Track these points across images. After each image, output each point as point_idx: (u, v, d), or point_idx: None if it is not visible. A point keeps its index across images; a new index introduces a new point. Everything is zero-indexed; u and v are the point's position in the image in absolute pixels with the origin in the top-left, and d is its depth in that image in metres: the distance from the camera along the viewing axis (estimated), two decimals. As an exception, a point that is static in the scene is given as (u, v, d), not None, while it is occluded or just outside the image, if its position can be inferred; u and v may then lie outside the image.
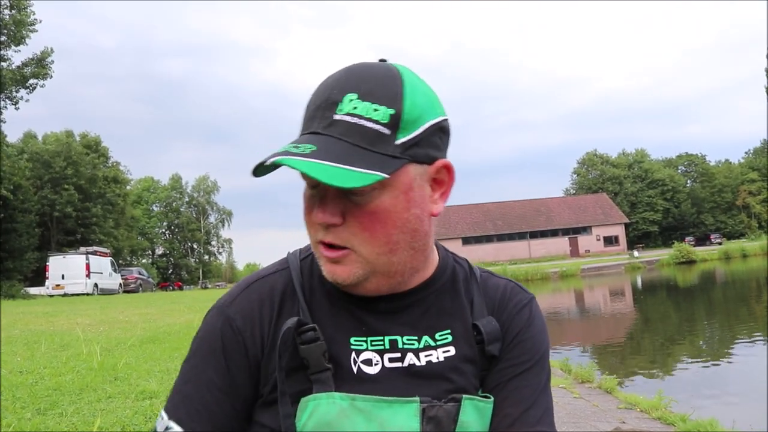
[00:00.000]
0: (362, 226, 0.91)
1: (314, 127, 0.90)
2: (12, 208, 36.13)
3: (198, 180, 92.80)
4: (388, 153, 0.89)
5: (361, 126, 0.88)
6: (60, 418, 3.98)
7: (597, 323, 17.43)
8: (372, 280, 0.95)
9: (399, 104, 0.90)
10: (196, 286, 75.83)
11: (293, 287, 1.03)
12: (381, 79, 0.92)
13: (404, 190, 0.92)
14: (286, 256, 1.11)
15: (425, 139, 0.93)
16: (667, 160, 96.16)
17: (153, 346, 7.47)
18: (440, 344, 1.01)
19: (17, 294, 26.85)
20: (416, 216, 0.94)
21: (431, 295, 1.04)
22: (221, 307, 1.03)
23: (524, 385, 1.02)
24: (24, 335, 8.77)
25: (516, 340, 1.05)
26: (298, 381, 0.96)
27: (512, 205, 69.70)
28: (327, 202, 0.91)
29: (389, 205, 0.91)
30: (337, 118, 0.89)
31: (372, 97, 0.89)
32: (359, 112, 0.88)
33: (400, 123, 0.90)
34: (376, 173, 0.85)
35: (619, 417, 5.04)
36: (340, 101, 0.89)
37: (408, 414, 0.94)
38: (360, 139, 0.88)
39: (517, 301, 1.09)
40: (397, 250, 0.94)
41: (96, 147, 55.84)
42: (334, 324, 0.99)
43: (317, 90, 0.94)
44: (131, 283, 36.06)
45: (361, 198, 0.90)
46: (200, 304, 16.01)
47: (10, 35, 29.81)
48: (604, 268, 44.11)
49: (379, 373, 0.97)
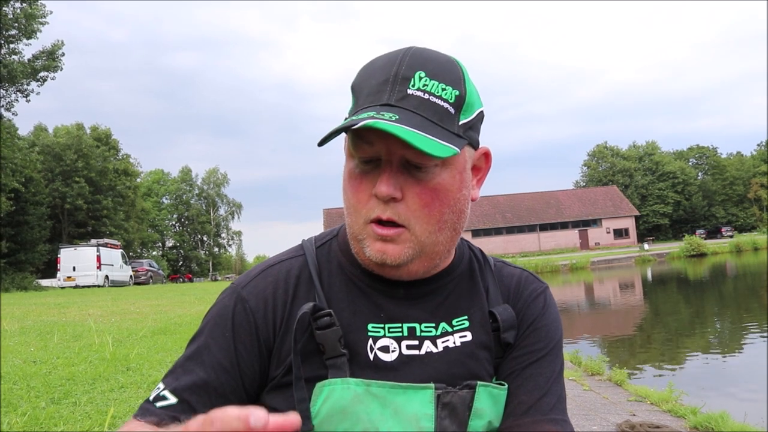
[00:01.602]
0: (422, 202, 0.91)
1: (385, 99, 0.90)
2: (24, 200, 36.36)
3: (208, 172, 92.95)
4: (454, 131, 0.91)
5: (433, 102, 0.90)
6: (74, 407, 4.03)
7: (607, 316, 17.38)
8: (416, 261, 0.95)
9: (462, 87, 0.93)
10: (206, 278, 76.28)
11: (309, 273, 1.03)
12: (444, 63, 0.94)
13: (460, 170, 0.95)
14: (300, 243, 1.11)
15: (475, 125, 0.96)
16: (678, 152, 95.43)
17: (164, 337, 7.53)
18: (457, 329, 1.02)
19: (29, 286, 27.10)
20: (465, 197, 0.97)
21: (450, 282, 1.05)
22: (236, 288, 1.03)
23: (538, 373, 1.02)
24: (37, 326, 8.85)
25: (531, 328, 1.05)
26: (313, 366, 0.96)
27: (522, 197, 69.47)
28: (389, 176, 0.90)
29: (448, 183, 0.93)
30: (410, 93, 0.89)
31: (439, 77, 0.91)
32: (430, 89, 0.90)
33: (463, 105, 0.93)
34: (452, 147, 0.88)
35: (630, 409, 5.03)
36: (411, 77, 0.90)
37: (423, 400, 0.94)
38: (432, 114, 0.89)
39: (532, 290, 1.10)
40: (444, 229, 0.95)
41: (107, 140, 56.00)
42: (351, 310, 0.99)
43: (375, 67, 0.95)
44: (142, 275, 36.27)
45: (424, 174, 0.91)
46: (210, 296, 16.09)
47: (21, 28, 29.91)
48: (614, 261, 43.93)
49: (396, 360, 0.97)
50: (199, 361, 0.97)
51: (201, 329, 1.02)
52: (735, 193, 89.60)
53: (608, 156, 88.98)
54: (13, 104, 31.72)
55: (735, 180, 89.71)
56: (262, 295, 1.00)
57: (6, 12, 29.20)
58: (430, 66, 0.92)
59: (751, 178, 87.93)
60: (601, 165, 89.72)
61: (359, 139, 0.90)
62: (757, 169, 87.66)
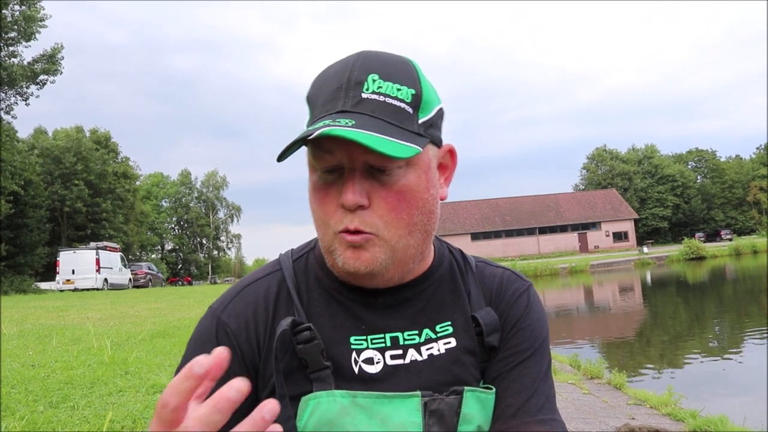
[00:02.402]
0: (389, 206, 0.90)
1: (340, 106, 0.89)
2: (23, 203, 36.36)
3: (207, 175, 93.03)
4: (414, 130, 0.90)
5: (389, 104, 0.89)
6: (72, 412, 4.02)
7: (606, 319, 17.37)
8: (389, 268, 0.93)
9: (418, 85, 0.92)
10: (205, 282, 76.26)
11: (288, 289, 1.01)
12: (396, 63, 0.93)
13: (425, 169, 0.94)
14: (278, 257, 1.09)
15: (436, 122, 0.95)
16: (677, 155, 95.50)
17: (163, 341, 7.52)
18: (441, 336, 1.01)
19: (28, 289, 27.11)
20: (433, 197, 0.96)
21: (430, 286, 1.04)
22: (215, 312, 1.01)
23: (525, 374, 1.01)
24: (35, 329, 8.84)
25: (515, 329, 1.04)
26: (297, 382, 0.94)
27: (521, 200, 69.47)
28: (354, 183, 0.89)
29: (414, 184, 0.92)
30: (365, 97, 0.89)
31: (393, 78, 0.90)
32: (385, 90, 0.89)
33: (421, 103, 0.92)
34: (415, 146, 0.87)
35: (629, 413, 5.03)
36: (365, 80, 0.89)
37: (410, 409, 0.93)
38: (389, 116, 0.88)
39: (514, 290, 1.08)
40: (414, 232, 0.93)
41: (106, 142, 56.02)
42: (332, 324, 0.98)
43: (328, 74, 0.94)
44: (141, 278, 36.26)
45: (389, 177, 0.90)
46: (209, 299, 16.05)
47: (21, 31, 29.94)
48: (613, 264, 43.91)
49: (381, 371, 0.96)
50: None
51: (186, 354, 1.00)
52: (734, 196, 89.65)
53: (607, 159, 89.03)
54: (13, 107, 31.80)
55: (734, 183, 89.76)
56: (243, 317, 0.99)
57: (5, 15, 29.23)
58: (382, 68, 0.91)
59: (750, 181, 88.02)
60: (600, 168, 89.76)
61: (319, 150, 0.89)
62: (756, 172, 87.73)
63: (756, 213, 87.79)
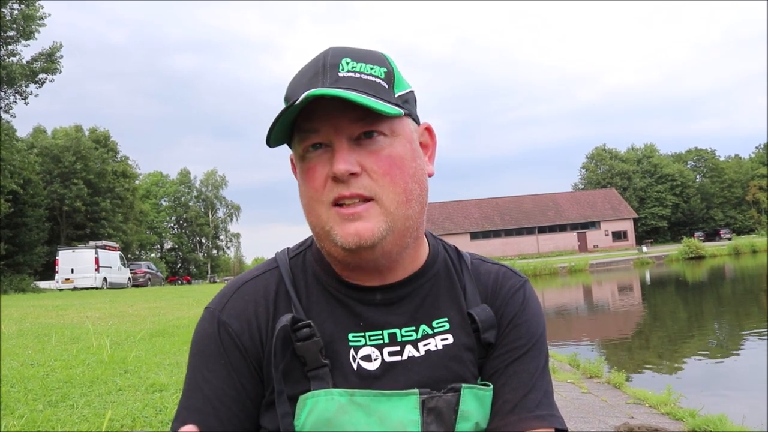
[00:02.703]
0: (383, 170, 0.91)
1: (320, 85, 0.91)
2: (22, 202, 36.30)
3: (206, 174, 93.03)
4: (392, 101, 0.93)
5: (365, 79, 0.92)
6: (71, 410, 4.01)
7: (605, 318, 17.37)
8: (389, 238, 0.93)
9: (388, 65, 0.96)
10: (204, 281, 76.27)
11: (286, 286, 1.01)
12: (365, 50, 0.97)
13: (409, 140, 0.96)
14: (274, 255, 1.09)
15: (410, 100, 0.99)
16: (676, 155, 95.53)
17: (162, 340, 7.52)
18: (438, 332, 1.01)
19: (27, 288, 27.07)
20: (421, 168, 0.98)
21: (427, 283, 1.04)
22: (213, 312, 1.01)
23: (522, 369, 1.01)
24: (35, 328, 8.83)
25: (511, 325, 1.04)
26: (296, 380, 0.94)
27: (521, 200, 69.48)
28: (343, 153, 0.90)
29: (401, 151, 0.94)
30: (342, 75, 0.91)
31: (365, 60, 0.94)
32: (359, 69, 0.93)
33: (394, 80, 0.95)
34: (398, 108, 0.91)
35: (628, 412, 5.03)
36: (339, 63, 0.93)
37: (408, 406, 0.93)
38: (367, 88, 0.91)
39: (510, 286, 1.08)
40: (411, 201, 0.94)
41: (105, 142, 55.94)
42: (331, 320, 0.98)
43: (303, 70, 0.97)
44: (140, 277, 36.25)
45: (375, 145, 0.92)
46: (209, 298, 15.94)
47: (20, 30, 29.91)
48: (612, 264, 43.91)
49: (379, 368, 0.96)
50: (201, 398, 0.95)
51: (191, 365, 0.99)
52: (733, 195, 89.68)
53: (607, 158, 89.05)
54: (12, 106, 31.75)
55: (733, 183, 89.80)
56: (244, 316, 0.99)
57: (4, 14, 29.19)
58: (353, 53, 0.95)
59: (749, 180, 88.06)
60: (599, 167, 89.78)
61: (304, 132, 0.92)
62: (755, 171, 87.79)
63: (755, 212, 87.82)
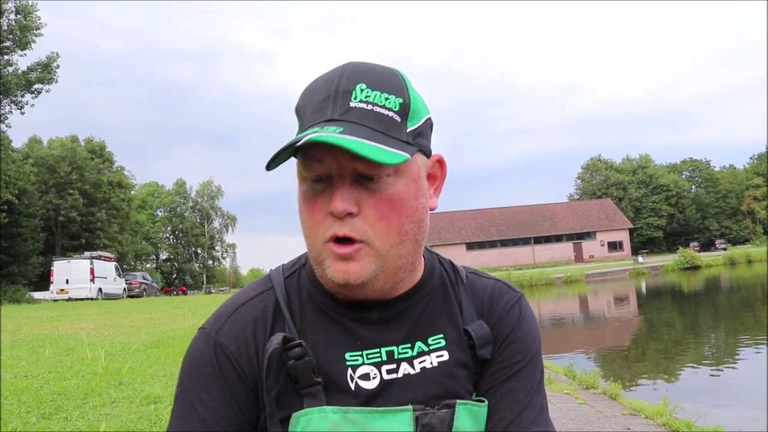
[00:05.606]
0: (379, 214, 0.89)
1: (329, 115, 0.89)
2: (17, 212, 36.22)
3: (202, 185, 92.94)
4: (402, 139, 0.90)
5: (377, 112, 0.89)
6: (65, 423, 3.99)
7: (601, 329, 17.37)
8: (380, 277, 0.92)
9: (406, 95, 0.92)
10: (200, 291, 75.94)
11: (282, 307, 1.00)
12: (383, 73, 0.94)
13: (414, 178, 0.93)
14: (268, 274, 1.08)
15: (424, 132, 0.96)
16: (671, 165, 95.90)
17: (157, 351, 7.48)
18: (433, 349, 1.00)
19: (22, 298, 26.96)
20: (423, 206, 0.95)
21: (423, 299, 1.03)
22: (209, 333, 0.99)
23: (518, 386, 1.00)
24: (29, 339, 8.79)
25: (507, 340, 1.03)
26: (290, 400, 0.94)
27: (516, 210, 69.59)
28: (342, 191, 0.88)
29: (403, 192, 0.91)
30: (353, 105, 0.89)
31: (381, 87, 0.91)
32: (372, 99, 0.89)
33: (409, 112, 0.92)
34: (403, 153, 0.87)
35: (624, 423, 5.02)
36: (352, 90, 0.90)
37: (401, 423, 0.93)
38: (377, 124, 0.88)
39: (506, 301, 1.07)
40: (405, 242, 0.93)
41: (101, 152, 55.88)
42: (327, 341, 0.97)
43: (317, 85, 0.94)
44: (135, 288, 36.13)
45: (377, 185, 0.89)
46: (204, 309, 16.03)
47: (16, 40, 29.97)
48: (608, 274, 43.98)
49: (378, 386, 0.95)
50: (197, 420, 0.94)
51: (184, 386, 0.98)
52: (728, 205, 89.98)
53: (602, 169, 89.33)
54: (7, 116, 31.76)
55: (728, 193, 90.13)
56: (242, 338, 0.98)
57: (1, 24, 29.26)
58: (370, 77, 0.91)
59: (744, 190, 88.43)
60: (594, 178, 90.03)
61: (308, 159, 0.89)
62: (750, 182, 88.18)
63: (750, 222, 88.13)
